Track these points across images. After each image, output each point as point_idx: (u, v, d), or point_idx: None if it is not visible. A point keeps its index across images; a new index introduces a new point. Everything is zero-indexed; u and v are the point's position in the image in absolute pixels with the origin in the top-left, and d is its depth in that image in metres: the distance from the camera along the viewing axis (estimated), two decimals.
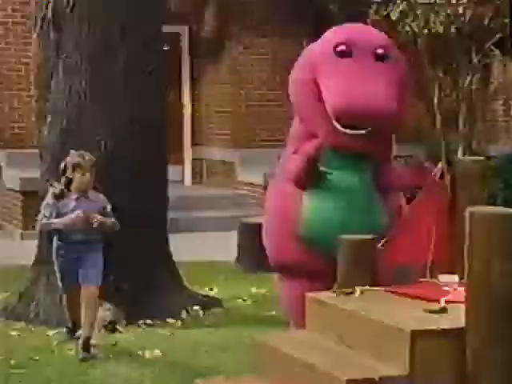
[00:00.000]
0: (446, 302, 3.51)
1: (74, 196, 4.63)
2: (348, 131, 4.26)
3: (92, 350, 4.64)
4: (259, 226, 7.34)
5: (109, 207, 4.75)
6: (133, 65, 5.56)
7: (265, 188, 9.84)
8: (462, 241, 3.29)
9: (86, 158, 4.66)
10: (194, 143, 11.36)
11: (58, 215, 4.61)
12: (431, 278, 3.90)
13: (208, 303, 5.80)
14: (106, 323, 5.17)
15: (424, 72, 10.81)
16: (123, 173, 5.52)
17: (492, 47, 9.67)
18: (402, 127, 4.58)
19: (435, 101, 10.09)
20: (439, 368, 3.17)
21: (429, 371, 3.15)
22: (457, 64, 10.20)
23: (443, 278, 3.89)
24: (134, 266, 5.47)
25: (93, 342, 4.72)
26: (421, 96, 11.44)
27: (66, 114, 5.54)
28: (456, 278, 3.81)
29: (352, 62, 4.24)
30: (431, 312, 3.40)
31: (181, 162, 11.21)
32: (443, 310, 3.42)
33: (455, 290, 3.67)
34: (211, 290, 6.33)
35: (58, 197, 4.60)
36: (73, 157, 4.67)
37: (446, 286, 3.76)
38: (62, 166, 4.66)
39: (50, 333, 5.17)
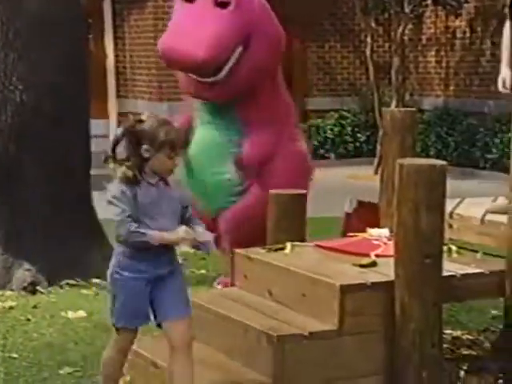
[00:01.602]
0: (376, 255, 3.58)
1: (153, 180, 2.98)
2: (197, 78, 4.39)
3: None
4: None
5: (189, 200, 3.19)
6: (46, 11, 5.37)
7: None
8: (391, 193, 3.35)
9: (180, 132, 3.08)
10: (118, 95, 11.15)
11: (139, 209, 2.94)
12: None
13: None
14: (26, 284, 5.08)
15: (356, 22, 10.86)
16: (42, 126, 5.36)
17: None
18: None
19: (368, 52, 10.16)
20: (369, 322, 3.24)
21: (359, 325, 3.22)
22: (389, 14, 10.26)
23: (374, 231, 3.96)
24: (54, 223, 5.38)
25: (12, 304, 4.63)
26: (354, 47, 11.51)
27: None
28: (387, 231, 3.88)
29: (189, 7, 4.39)
30: (361, 266, 3.46)
31: (105, 115, 11.01)
32: (373, 264, 3.49)
33: (385, 243, 3.74)
34: None
35: (132, 183, 2.93)
36: (159, 127, 2.95)
37: (377, 239, 3.83)
38: (120, 132, 2.98)
39: None
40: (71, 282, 5.26)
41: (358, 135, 11.16)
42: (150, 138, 2.92)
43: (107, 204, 2.94)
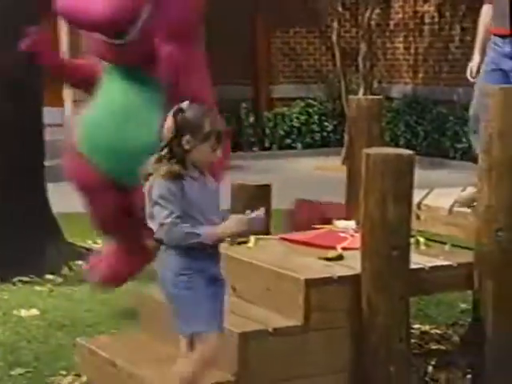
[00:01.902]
0: (343, 248, 3.60)
1: (195, 174, 2.88)
2: (105, 39, 4.20)
3: None
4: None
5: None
6: None
7: None
8: (358, 184, 3.37)
9: (223, 122, 2.99)
10: None
11: (189, 205, 2.83)
12: None
13: None
14: None
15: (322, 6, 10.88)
16: None
17: None
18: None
19: (334, 38, 10.18)
20: (335, 317, 3.26)
21: (324, 321, 3.24)
22: None
23: (340, 224, 3.98)
24: (6, 216, 5.31)
25: None
26: (320, 32, 11.54)
27: None
28: (353, 223, 3.90)
29: None
30: (327, 259, 3.48)
31: (60, 103, 10.88)
32: (339, 257, 3.51)
33: (352, 235, 3.76)
34: (95, 243, 6.24)
35: (178, 178, 2.82)
36: (203, 117, 2.87)
37: (343, 232, 3.86)
38: (170, 123, 2.85)
39: None
40: (24, 278, 5.21)
41: (325, 124, 11.20)
42: (193, 129, 2.82)
43: (152, 205, 2.80)
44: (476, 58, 4.23)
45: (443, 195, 4.03)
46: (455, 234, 3.72)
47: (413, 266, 3.29)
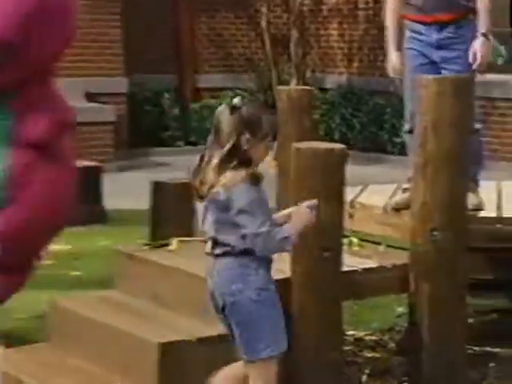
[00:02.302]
0: None
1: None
2: None
3: None
4: None
5: None
6: None
7: None
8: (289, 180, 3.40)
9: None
10: None
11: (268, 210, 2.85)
12: None
13: None
14: None
15: None
16: None
17: None
18: None
19: (263, 24, 10.23)
20: None
21: None
22: None
23: None
24: None
25: None
26: (248, 18, 11.58)
27: None
28: None
29: None
30: None
31: None
32: None
33: None
34: None
35: (258, 181, 2.78)
36: (261, 114, 2.86)
37: None
38: (231, 122, 2.81)
39: None
40: None
41: None
42: (253, 127, 2.77)
43: (237, 214, 2.71)
44: (394, 54, 3.94)
45: (378, 192, 4.10)
46: (390, 234, 3.79)
47: (345, 269, 3.33)
